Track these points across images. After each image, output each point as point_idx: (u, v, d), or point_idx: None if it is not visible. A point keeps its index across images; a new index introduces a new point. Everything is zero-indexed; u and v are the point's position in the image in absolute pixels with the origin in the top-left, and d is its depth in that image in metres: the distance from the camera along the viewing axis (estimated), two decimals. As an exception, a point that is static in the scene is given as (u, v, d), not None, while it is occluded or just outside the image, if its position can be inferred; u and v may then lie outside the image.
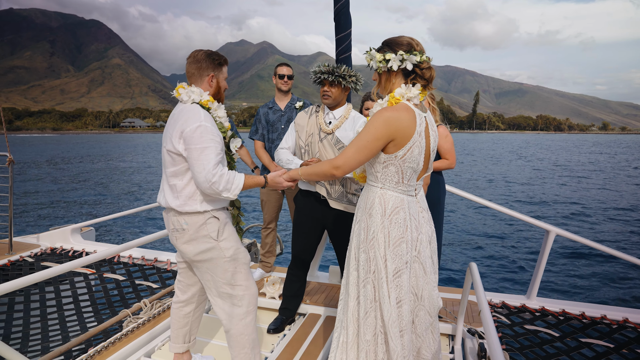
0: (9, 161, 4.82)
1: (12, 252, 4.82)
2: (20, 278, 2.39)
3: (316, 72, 3.08)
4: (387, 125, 2.04)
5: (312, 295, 4.04)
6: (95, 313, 3.84)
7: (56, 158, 40.81)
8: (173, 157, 2.34)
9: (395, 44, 2.14)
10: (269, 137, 4.27)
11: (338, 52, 4.02)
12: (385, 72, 2.20)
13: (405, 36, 2.17)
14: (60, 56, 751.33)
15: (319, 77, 3.06)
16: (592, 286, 8.57)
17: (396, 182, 2.14)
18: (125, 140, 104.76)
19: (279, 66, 4.27)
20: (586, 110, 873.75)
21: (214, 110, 2.48)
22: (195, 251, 2.43)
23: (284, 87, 4.23)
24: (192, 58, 2.45)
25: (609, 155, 54.24)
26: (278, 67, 4.27)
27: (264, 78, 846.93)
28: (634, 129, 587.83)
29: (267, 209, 4.40)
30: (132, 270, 4.64)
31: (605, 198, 19.91)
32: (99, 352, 2.94)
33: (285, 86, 4.23)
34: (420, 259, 2.17)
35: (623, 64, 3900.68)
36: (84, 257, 2.86)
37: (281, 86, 4.23)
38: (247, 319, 2.53)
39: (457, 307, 3.80)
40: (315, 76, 3.09)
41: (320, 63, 3.12)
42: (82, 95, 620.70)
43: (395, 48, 2.13)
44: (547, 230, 3.93)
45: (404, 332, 2.11)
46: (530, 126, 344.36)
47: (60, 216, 14.15)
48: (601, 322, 3.66)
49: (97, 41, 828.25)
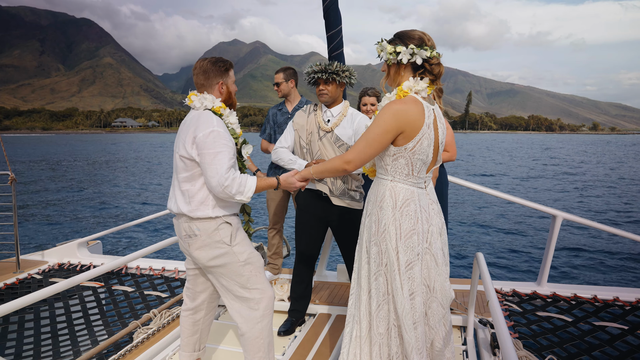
0: (11, 180, 4.83)
1: (20, 270, 4.82)
2: (28, 295, 2.38)
3: (309, 73, 3.08)
4: (396, 118, 2.05)
5: (321, 295, 4.03)
6: (105, 326, 3.83)
7: (50, 160, 40.67)
8: (186, 162, 2.35)
9: (407, 37, 2.15)
10: (275, 138, 4.32)
11: (330, 50, 4.01)
12: (394, 64, 2.21)
13: (418, 30, 2.18)
14: (51, 55, 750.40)
15: (313, 77, 3.06)
16: (603, 269, 8.52)
17: (406, 175, 2.14)
18: (117, 141, 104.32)
19: (276, 73, 4.27)
20: (576, 111, 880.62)
21: (226, 117, 2.49)
22: (208, 257, 2.42)
23: (278, 95, 4.25)
24: (198, 69, 2.46)
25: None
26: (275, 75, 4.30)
27: (257, 78, 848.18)
28: (623, 129, 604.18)
29: (273, 209, 4.40)
30: (141, 280, 4.64)
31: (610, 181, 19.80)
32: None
33: (278, 93, 4.24)
34: (431, 251, 2.17)
35: (612, 65, 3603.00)
36: (92, 270, 2.86)
37: (278, 93, 4.25)
38: (264, 322, 2.52)
39: (467, 299, 3.78)
40: (308, 77, 3.09)
41: (312, 63, 3.11)
42: (73, 95, 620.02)
43: (407, 41, 2.14)
44: (554, 215, 3.90)
45: (418, 324, 2.10)
46: (522, 126, 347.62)
47: (67, 231, 14.20)
48: (614, 305, 3.63)
49: (88, 40, 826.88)
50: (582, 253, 9.55)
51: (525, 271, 8.61)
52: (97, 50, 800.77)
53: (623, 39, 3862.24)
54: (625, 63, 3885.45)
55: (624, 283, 7.74)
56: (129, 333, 3.41)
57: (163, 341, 3.26)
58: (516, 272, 8.60)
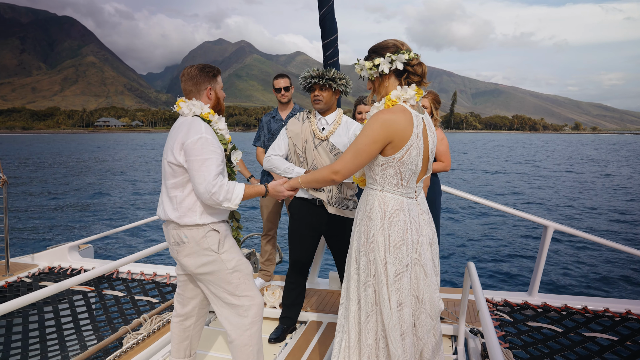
0: (3, 181, 4.79)
1: (10, 274, 4.77)
2: (18, 298, 2.36)
3: (305, 78, 3.05)
4: (384, 128, 2.05)
5: (312, 303, 4.02)
6: (94, 331, 3.80)
7: (36, 161, 40.29)
8: (174, 168, 2.35)
9: (381, 48, 2.18)
10: (270, 145, 4.28)
11: (326, 58, 4.02)
12: (377, 77, 2.22)
13: (389, 39, 2.21)
14: (31, 53, 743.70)
15: (309, 82, 3.04)
16: (594, 280, 8.57)
17: (395, 185, 2.14)
18: (99, 140, 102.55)
19: (275, 79, 4.21)
20: (559, 111, 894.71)
21: (215, 123, 2.49)
22: (196, 264, 2.41)
23: (283, 100, 4.18)
24: (186, 76, 2.47)
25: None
26: (274, 80, 4.21)
27: (242, 77, 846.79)
28: (604, 129, 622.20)
29: (267, 215, 4.39)
30: (131, 285, 4.60)
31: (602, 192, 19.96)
32: (99, 370, 2.91)
33: (284, 98, 4.17)
34: (420, 262, 2.16)
35: (593, 66, 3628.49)
36: (82, 274, 2.84)
37: (280, 99, 4.19)
38: (253, 330, 2.51)
39: (458, 308, 3.79)
40: (305, 82, 3.06)
41: (309, 68, 3.10)
42: (55, 94, 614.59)
43: (382, 52, 2.16)
44: (545, 225, 3.93)
45: (405, 335, 2.10)
46: (507, 126, 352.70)
47: (58, 234, 14.08)
48: (604, 315, 3.65)
49: (70, 38, 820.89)
50: (573, 263, 9.60)
51: (516, 281, 8.64)
52: (79, 48, 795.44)
53: (603, 41, 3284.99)
54: (605, 64, 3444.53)
55: (614, 294, 7.78)
56: (118, 338, 3.39)
57: (153, 347, 3.24)
58: (507, 281, 8.63)
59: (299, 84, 3.17)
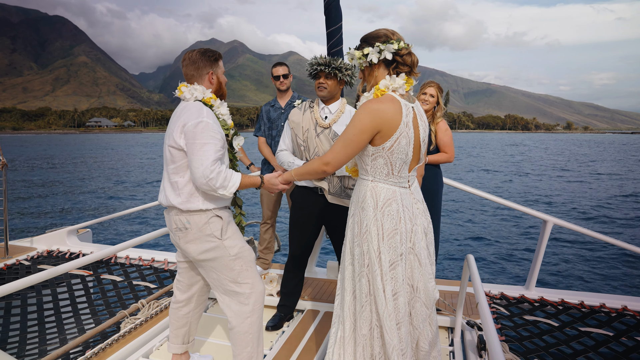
0: (2, 164, 4.78)
1: (9, 256, 4.78)
2: (16, 281, 2.36)
3: (312, 64, 3.05)
4: (372, 118, 2.04)
5: (310, 292, 4.03)
6: (92, 315, 3.82)
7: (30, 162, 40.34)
8: (174, 153, 2.33)
9: (372, 37, 2.17)
10: (270, 134, 4.32)
11: (329, 46, 4.00)
12: (367, 66, 2.22)
13: (382, 29, 2.20)
14: (22, 53, 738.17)
15: (315, 69, 3.03)
16: (591, 275, 8.60)
17: (386, 174, 2.13)
18: (89, 141, 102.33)
19: (274, 67, 4.28)
20: (551, 110, 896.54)
21: (217, 108, 2.46)
22: (199, 250, 2.40)
23: (282, 87, 4.25)
24: (187, 60, 2.44)
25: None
26: (273, 69, 4.28)
27: (235, 77, 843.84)
28: (595, 128, 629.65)
29: (266, 204, 4.40)
30: (130, 270, 4.61)
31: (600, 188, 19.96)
32: (96, 354, 2.92)
33: (283, 86, 4.24)
34: (415, 251, 2.16)
35: (584, 66, 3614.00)
36: (80, 258, 2.84)
37: (279, 86, 4.26)
38: (253, 317, 2.51)
39: (456, 300, 3.80)
40: (311, 68, 3.06)
41: (317, 55, 3.09)
42: (47, 94, 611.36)
43: (372, 41, 2.16)
44: (545, 220, 3.93)
45: (401, 325, 2.10)
46: (499, 125, 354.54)
47: (57, 219, 14.10)
48: (600, 311, 3.66)
49: (62, 38, 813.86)
50: (571, 258, 9.63)
51: (514, 274, 8.67)
52: (71, 48, 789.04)
53: (594, 41, 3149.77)
54: (597, 64, 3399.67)
55: (611, 290, 7.82)
56: (116, 322, 3.40)
57: (150, 332, 3.25)
58: (505, 275, 8.66)
59: (304, 70, 3.15)
